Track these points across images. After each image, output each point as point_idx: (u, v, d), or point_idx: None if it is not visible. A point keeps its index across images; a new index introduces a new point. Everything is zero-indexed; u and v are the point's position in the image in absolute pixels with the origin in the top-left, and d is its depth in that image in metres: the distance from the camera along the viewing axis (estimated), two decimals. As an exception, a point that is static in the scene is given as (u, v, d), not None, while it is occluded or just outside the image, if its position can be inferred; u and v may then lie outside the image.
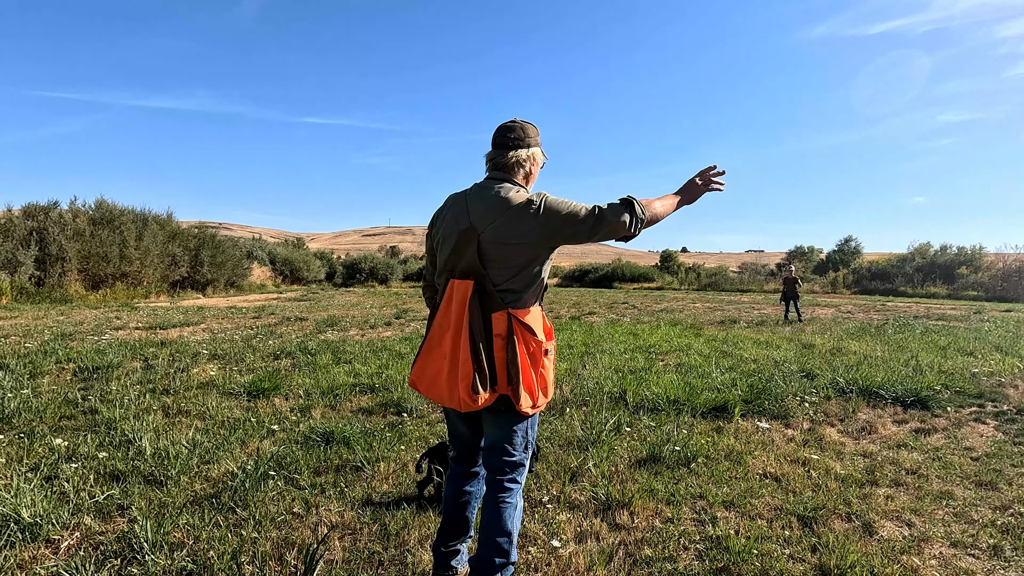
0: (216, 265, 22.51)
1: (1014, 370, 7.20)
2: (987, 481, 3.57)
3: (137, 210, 20.66)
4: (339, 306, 16.83)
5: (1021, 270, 31.54)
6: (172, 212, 22.45)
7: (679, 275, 43.08)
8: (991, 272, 32.94)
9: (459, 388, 1.98)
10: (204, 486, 3.20)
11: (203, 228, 24.20)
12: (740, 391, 5.50)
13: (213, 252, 22.52)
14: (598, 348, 8.51)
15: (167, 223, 21.76)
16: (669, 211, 2.20)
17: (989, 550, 2.72)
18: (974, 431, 4.69)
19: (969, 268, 33.70)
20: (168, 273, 20.43)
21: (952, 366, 7.32)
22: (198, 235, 22.63)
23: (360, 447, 3.82)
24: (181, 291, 20.72)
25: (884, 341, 9.83)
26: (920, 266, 35.38)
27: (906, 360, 7.66)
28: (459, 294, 2.03)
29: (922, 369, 7.01)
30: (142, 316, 12.34)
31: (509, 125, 2.16)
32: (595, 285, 40.29)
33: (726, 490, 3.32)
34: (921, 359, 7.73)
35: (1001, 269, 32.78)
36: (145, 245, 19.27)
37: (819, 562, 2.55)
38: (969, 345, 9.34)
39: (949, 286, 32.41)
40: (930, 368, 7.10)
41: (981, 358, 8.09)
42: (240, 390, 5.33)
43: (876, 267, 38.27)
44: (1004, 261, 33.40)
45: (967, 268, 33.70)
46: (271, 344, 8.37)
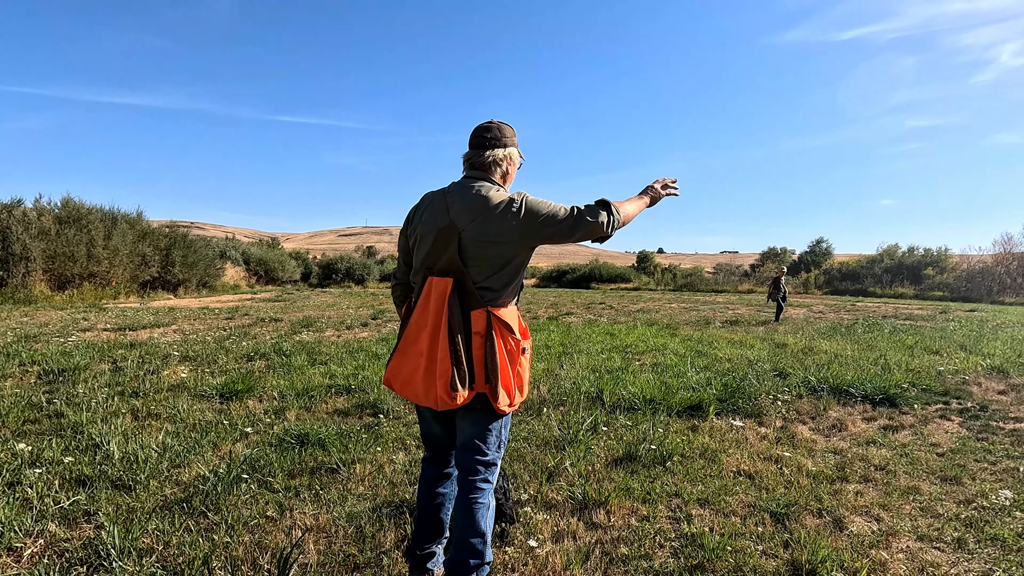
0: (188, 265, 22.08)
1: (977, 368, 7.42)
2: (952, 476, 3.67)
3: (106, 209, 20.16)
4: (315, 307, 16.63)
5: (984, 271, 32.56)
6: (142, 211, 21.97)
7: (655, 276, 43.51)
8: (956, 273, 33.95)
9: (437, 386, 1.97)
10: (175, 490, 3.14)
11: (174, 227, 23.72)
12: (715, 390, 5.57)
13: (185, 252, 22.08)
14: (575, 348, 8.55)
15: (137, 222, 21.27)
16: (638, 212, 2.28)
17: (954, 543, 2.80)
18: (940, 428, 4.81)
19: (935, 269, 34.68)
20: (138, 273, 19.97)
21: (919, 365, 7.51)
22: (169, 234, 22.15)
23: (336, 449, 3.78)
24: (151, 292, 20.27)
25: (854, 340, 10.04)
26: (888, 267, 36.30)
27: (875, 359, 7.84)
28: (437, 291, 2.02)
29: (890, 368, 7.18)
30: (111, 317, 12.04)
31: (486, 125, 2.17)
32: (573, 286, 40.47)
33: (701, 488, 3.36)
34: (889, 358, 7.92)
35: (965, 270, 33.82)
36: (114, 245, 18.81)
37: (791, 558, 2.60)
38: (935, 344, 9.60)
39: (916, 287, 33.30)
40: (898, 367, 7.27)
41: (946, 357, 8.32)
42: (212, 392, 5.23)
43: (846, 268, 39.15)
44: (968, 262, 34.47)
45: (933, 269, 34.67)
46: (245, 345, 8.23)
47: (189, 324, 11.13)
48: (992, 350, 8.95)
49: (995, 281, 31.27)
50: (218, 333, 9.71)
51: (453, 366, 1.96)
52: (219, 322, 11.63)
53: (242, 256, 29.91)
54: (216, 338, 9.02)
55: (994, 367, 7.46)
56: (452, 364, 1.96)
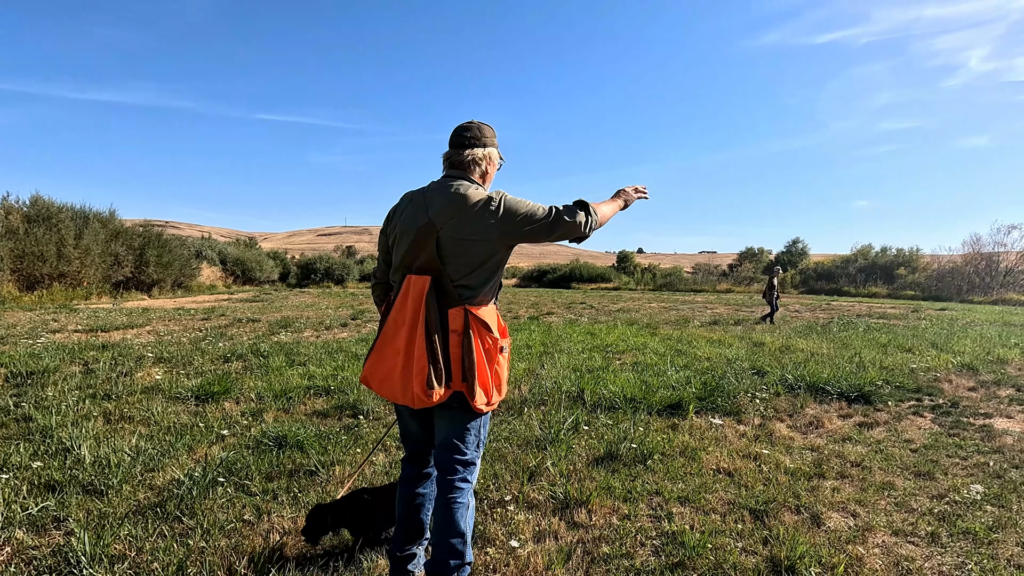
0: (162, 265, 21.66)
1: (948, 365, 7.59)
2: (925, 471, 3.74)
3: (77, 207, 19.68)
4: (293, 307, 16.44)
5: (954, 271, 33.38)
6: (115, 210, 21.49)
7: (635, 275, 43.83)
8: (927, 273, 34.77)
9: (413, 384, 1.96)
10: (148, 495, 3.07)
11: (148, 226, 23.25)
12: (694, 389, 5.61)
13: (159, 251, 21.65)
14: (556, 348, 8.56)
15: (109, 221, 20.81)
16: (613, 214, 2.31)
17: (927, 537, 2.85)
18: (913, 424, 4.91)
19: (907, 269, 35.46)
20: (110, 273, 19.53)
21: (892, 362, 7.66)
22: (143, 234, 21.71)
23: (315, 451, 3.73)
24: (125, 292, 19.85)
25: (830, 339, 10.21)
26: (862, 267, 37.03)
27: (850, 357, 7.98)
28: (416, 289, 2.01)
29: (865, 366, 7.31)
30: (82, 318, 11.76)
31: (466, 125, 2.19)
32: (553, 285, 40.57)
33: (681, 486, 3.38)
34: (864, 356, 8.07)
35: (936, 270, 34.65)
36: (85, 244, 18.38)
37: (770, 554, 2.62)
38: (908, 342, 9.80)
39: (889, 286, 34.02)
40: (872, 364, 7.41)
41: (919, 354, 8.50)
42: (188, 394, 5.13)
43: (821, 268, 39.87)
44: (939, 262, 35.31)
45: (905, 269, 35.44)
46: (221, 346, 8.10)
47: (164, 325, 10.92)
48: (962, 348, 9.17)
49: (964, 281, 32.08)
50: (194, 334, 9.54)
51: (430, 364, 1.95)
52: (195, 323, 11.43)
53: (218, 256, 29.44)
54: (192, 339, 8.86)
55: (964, 364, 7.64)
56: (429, 362, 1.95)
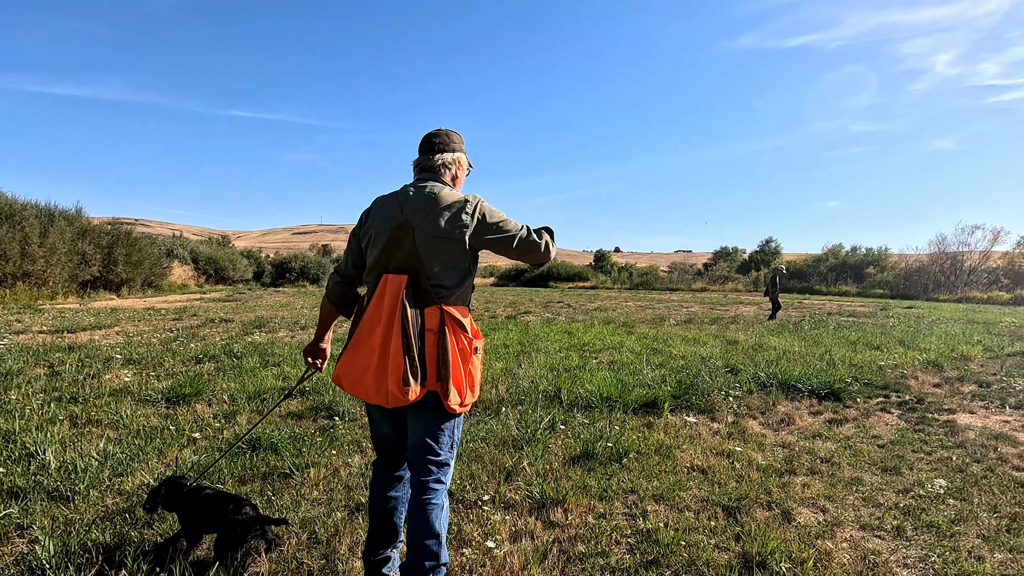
0: (132, 264, 21.15)
1: (915, 363, 7.79)
2: (891, 467, 3.84)
3: (41, 204, 19.14)
4: (267, 307, 16.20)
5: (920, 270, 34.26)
6: (82, 207, 20.91)
7: (612, 274, 44.12)
8: (895, 272, 35.65)
9: (388, 381, 1.96)
10: (117, 500, 3.00)
11: (117, 225, 22.65)
12: (669, 387, 5.68)
13: (128, 250, 21.13)
14: (534, 347, 8.58)
15: (76, 219, 20.24)
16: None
17: (893, 531, 2.93)
18: (880, 420, 5.03)
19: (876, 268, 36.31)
20: (77, 272, 19.01)
21: (861, 360, 7.84)
22: (111, 232, 21.15)
23: (289, 453, 3.69)
24: (92, 292, 19.34)
25: (801, 337, 10.41)
26: (833, 266, 37.80)
27: (821, 355, 8.15)
28: (392, 288, 2.02)
29: (835, 363, 7.47)
30: (47, 319, 11.43)
31: (435, 132, 2.25)
32: (531, 284, 40.64)
33: (656, 484, 3.42)
34: (834, 354, 8.24)
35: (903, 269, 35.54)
36: (51, 242, 17.86)
37: (742, 550, 2.67)
38: (876, 340, 10.04)
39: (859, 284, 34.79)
40: (842, 362, 7.57)
41: (886, 352, 8.71)
42: (158, 396, 5.03)
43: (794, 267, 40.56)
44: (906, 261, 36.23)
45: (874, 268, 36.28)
46: (193, 347, 7.95)
47: (133, 325, 10.68)
48: (928, 345, 9.42)
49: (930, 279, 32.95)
50: (164, 335, 9.35)
51: (406, 361, 1.95)
52: (165, 323, 11.20)
53: (190, 255, 28.85)
54: (162, 340, 8.68)
55: (930, 361, 7.85)
56: (405, 359, 1.95)
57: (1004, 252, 34.59)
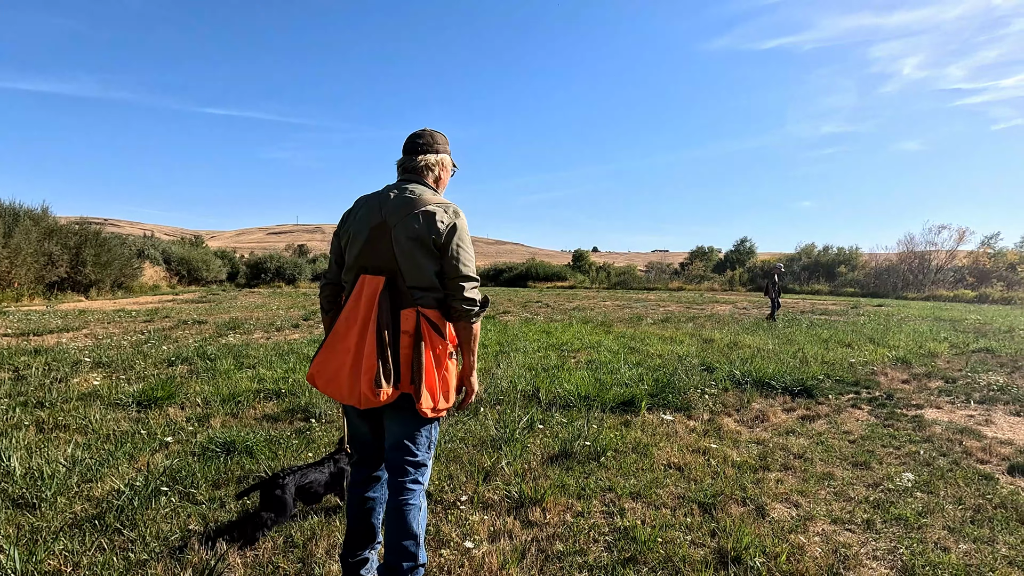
0: (101, 265, 20.65)
1: (884, 359, 7.98)
2: (862, 461, 3.92)
3: (6, 203, 18.61)
4: (242, 308, 15.96)
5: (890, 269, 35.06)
6: (48, 206, 20.36)
7: (590, 274, 44.31)
8: (865, 271, 36.43)
9: (361, 382, 1.95)
10: (85, 507, 2.93)
11: (85, 224, 22.05)
12: (646, 385, 5.73)
13: (97, 251, 20.62)
14: (512, 347, 8.59)
15: (42, 218, 19.71)
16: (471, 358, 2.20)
17: (863, 524, 3.00)
18: (851, 416, 5.14)
19: (847, 267, 37.06)
20: (44, 274, 18.51)
21: (833, 357, 8.00)
22: (79, 232, 20.61)
23: (264, 456, 3.64)
24: (60, 293, 18.85)
25: (775, 335, 10.58)
26: (806, 265, 38.49)
27: (794, 352, 8.30)
28: (369, 289, 2.01)
29: (808, 361, 7.62)
30: (12, 321, 11.11)
31: (419, 132, 2.24)
32: (509, 284, 40.64)
33: (633, 482, 3.45)
34: (807, 351, 8.40)
35: (874, 268, 36.34)
36: (16, 242, 17.36)
37: (718, 545, 2.71)
38: (847, 338, 10.25)
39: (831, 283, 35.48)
40: (815, 359, 7.72)
41: (857, 349, 8.90)
42: (128, 400, 4.92)
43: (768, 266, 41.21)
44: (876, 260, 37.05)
45: (845, 267, 37.02)
46: (165, 349, 7.80)
47: (102, 328, 10.44)
48: (897, 342, 9.65)
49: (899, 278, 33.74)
50: (135, 337, 9.16)
51: (379, 362, 1.94)
52: (136, 325, 10.96)
53: (162, 255, 28.26)
54: (133, 342, 8.50)
55: (898, 358, 8.04)
56: (378, 360, 1.94)
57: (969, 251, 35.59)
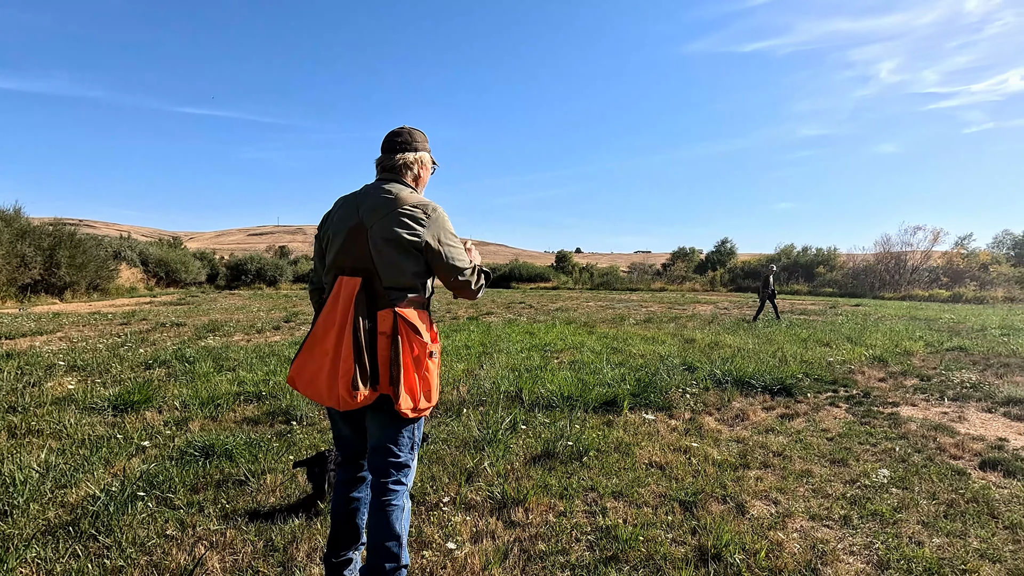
0: (76, 267, 20.25)
1: (861, 358, 8.12)
2: (839, 459, 3.99)
3: (-24, 204, 18.19)
4: (222, 310, 15.76)
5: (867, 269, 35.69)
6: (21, 207, 19.95)
7: (574, 275, 44.50)
8: (843, 271, 37.05)
9: (339, 384, 1.94)
10: (59, 513, 2.87)
11: (60, 225, 21.61)
12: (629, 385, 5.76)
13: (72, 252, 20.22)
14: (495, 348, 8.59)
15: (15, 219, 19.30)
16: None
17: (841, 520, 3.04)
18: (829, 414, 5.22)
19: (826, 267, 37.66)
20: (16, 276, 18.11)
21: (812, 356, 8.12)
22: (53, 233, 20.21)
23: (244, 459, 3.60)
24: (33, 296, 18.46)
25: (755, 335, 10.71)
26: (785, 265, 39.01)
27: (773, 352, 8.40)
28: (347, 290, 2.01)
29: (787, 359, 7.72)
30: (-17, 324, 10.86)
31: (397, 131, 2.22)
32: (493, 285, 40.65)
33: (615, 481, 3.47)
34: (786, 350, 8.51)
35: (851, 268, 36.97)
36: (-13, 244, 17.00)
37: (699, 543, 2.73)
38: (825, 337, 10.41)
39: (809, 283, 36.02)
40: (793, 358, 7.83)
41: (835, 348, 9.04)
42: (104, 404, 4.84)
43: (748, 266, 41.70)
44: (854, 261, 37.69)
45: (824, 267, 37.62)
46: (142, 352, 7.67)
47: (77, 331, 10.24)
48: (874, 341, 9.82)
49: (876, 278, 34.36)
50: (111, 340, 9.00)
51: (355, 365, 1.94)
52: (113, 328, 10.78)
53: (139, 256, 27.79)
54: (109, 345, 8.35)
55: (875, 357, 8.19)
56: (355, 362, 1.94)
57: (943, 252, 36.38)
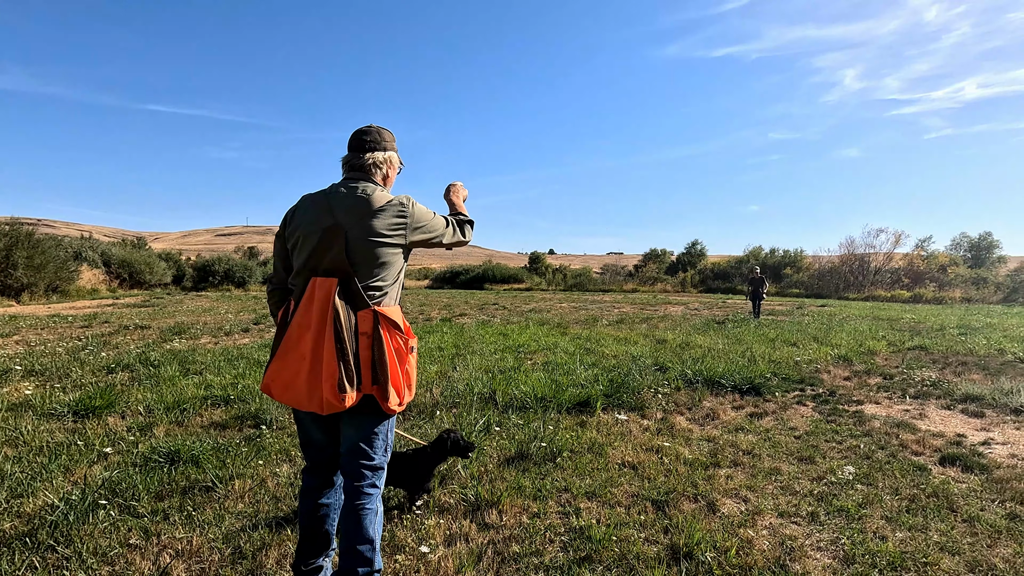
0: (34, 268, 19.58)
1: (827, 357, 8.31)
2: (807, 456, 4.07)
3: (-73, 203, 17.45)
4: (188, 312, 15.40)
5: (832, 270, 36.59)
6: (-25, 206, 19.23)
7: (547, 276, 44.66)
8: (810, 272, 37.92)
9: (323, 388, 1.91)
10: (15, 523, 2.77)
11: (16, 225, 20.84)
12: (602, 386, 5.79)
13: (30, 252, 19.55)
14: (468, 349, 8.56)
15: (-32, 218, 18.58)
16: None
17: (808, 517, 3.11)
18: (797, 412, 5.33)
19: (793, 268, 38.50)
20: (-30, 277, 17.46)
21: (780, 356, 8.28)
22: (10, 233, 19.50)
23: (211, 465, 3.52)
24: (-12, 298, 17.81)
25: (725, 335, 10.89)
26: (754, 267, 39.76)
27: (743, 352, 8.55)
28: (322, 292, 1.97)
29: (756, 359, 7.86)
30: (-66, 328, 10.43)
31: (365, 129, 2.20)
32: (466, 286, 40.57)
33: (589, 481, 3.48)
34: (755, 350, 8.67)
35: (817, 269, 37.87)
36: (-62, 244, 16.32)
37: (670, 542, 2.76)
38: (793, 337, 10.63)
39: (777, 284, 36.77)
40: (762, 358, 7.97)
41: (802, 348, 9.24)
42: (64, 410, 4.68)
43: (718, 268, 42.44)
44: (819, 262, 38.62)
45: (791, 268, 38.46)
46: (104, 356, 7.45)
47: (35, 334, 9.90)
48: (839, 341, 10.07)
49: (841, 279, 35.26)
50: (72, 343, 8.72)
51: (341, 367, 1.91)
52: (73, 331, 10.44)
53: (101, 257, 26.99)
54: (69, 349, 8.09)
55: (840, 356, 8.39)
56: (339, 365, 1.91)
57: (905, 253, 37.52)
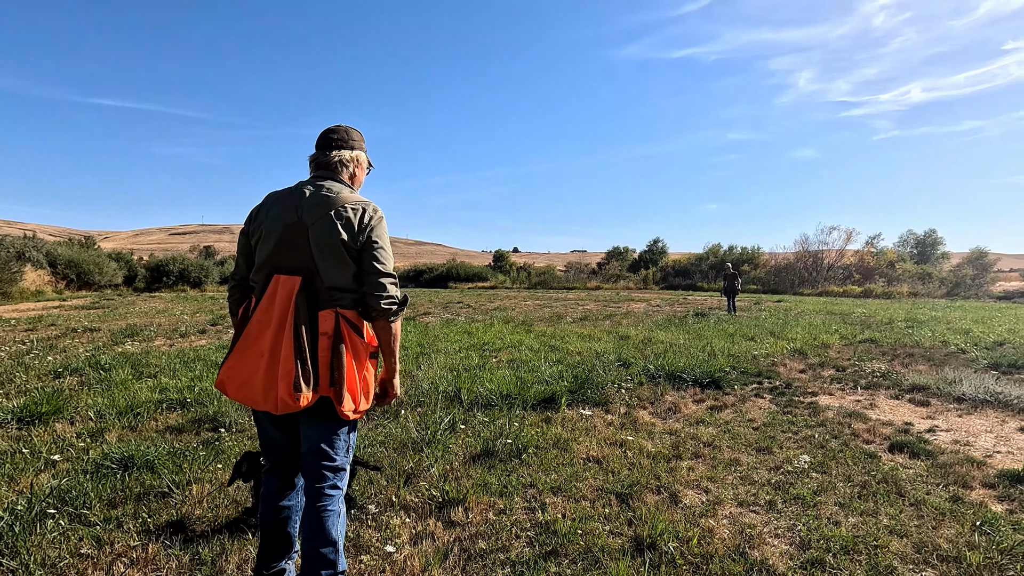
0: (-27, 269, 18.66)
1: (783, 351, 8.56)
2: (764, 447, 4.19)
3: None
4: (141, 313, 14.88)
5: (787, 267, 37.70)
6: (-93, 203, 18.18)
7: (511, 274, 44.76)
8: (766, 269, 38.98)
9: (279, 387, 1.87)
10: (-45, 536, 2.63)
11: (-47, 224, 19.88)
12: (566, 382, 5.84)
13: (-32, 253, 18.63)
14: (433, 348, 8.52)
15: (-101, 217, 17.56)
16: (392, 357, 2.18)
17: (766, 505, 3.20)
18: (755, 405, 5.48)
19: (750, 266, 39.49)
20: (-98, 279, 16.49)
21: (738, 350, 8.49)
22: (-54, 232, 18.56)
23: (167, 470, 3.41)
24: (-78, 301, 16.86)
25: (686, 331, 11.10)
26: (713, 264, 40.65)
27: (703, 346, 8.74)
28: (284, 290, 1.93)
29: (715, 354, 8.04)
30: None
31: (333, 128, 2.18)
32: (430, 285, 40.32)
33: (554, 476, 3.51)
34: (715, 345, 8.87)
35: (773, 266, 38.97)
36: None
37: (635, 534, 2.81)
38: (751, 332, 10.91)
39: (736, 281, 37.68)
40: (721, 353, 8.16)
41: (760, 342, 9.50)
42: (7, 417, 4.46)
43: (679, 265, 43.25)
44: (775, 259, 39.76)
45: (749, 265, 39.43)
46: (51, 360, 7.14)
47: (-25, 338, 9.42)
48: (794, 335, 10.38)
49: (796, 275, 36.37)
50: (15, 347, 8.32)
51: (298, 366, 1.87)
52: (16, 334, 9.98)
53: (46, 257, 25.81)
54: (12, 353, 7.73)
55: (796, 349, 8.66)
56: (296, 363, 1.87)
57: (856, 250, 38.95)
